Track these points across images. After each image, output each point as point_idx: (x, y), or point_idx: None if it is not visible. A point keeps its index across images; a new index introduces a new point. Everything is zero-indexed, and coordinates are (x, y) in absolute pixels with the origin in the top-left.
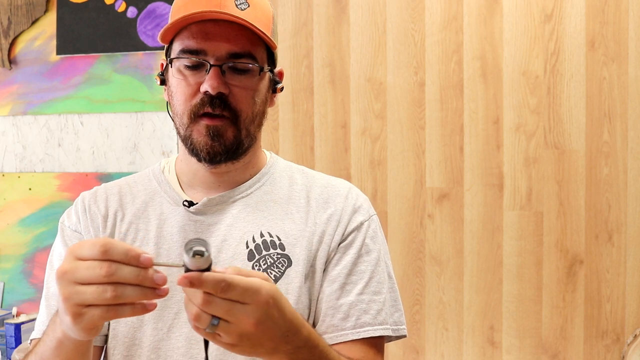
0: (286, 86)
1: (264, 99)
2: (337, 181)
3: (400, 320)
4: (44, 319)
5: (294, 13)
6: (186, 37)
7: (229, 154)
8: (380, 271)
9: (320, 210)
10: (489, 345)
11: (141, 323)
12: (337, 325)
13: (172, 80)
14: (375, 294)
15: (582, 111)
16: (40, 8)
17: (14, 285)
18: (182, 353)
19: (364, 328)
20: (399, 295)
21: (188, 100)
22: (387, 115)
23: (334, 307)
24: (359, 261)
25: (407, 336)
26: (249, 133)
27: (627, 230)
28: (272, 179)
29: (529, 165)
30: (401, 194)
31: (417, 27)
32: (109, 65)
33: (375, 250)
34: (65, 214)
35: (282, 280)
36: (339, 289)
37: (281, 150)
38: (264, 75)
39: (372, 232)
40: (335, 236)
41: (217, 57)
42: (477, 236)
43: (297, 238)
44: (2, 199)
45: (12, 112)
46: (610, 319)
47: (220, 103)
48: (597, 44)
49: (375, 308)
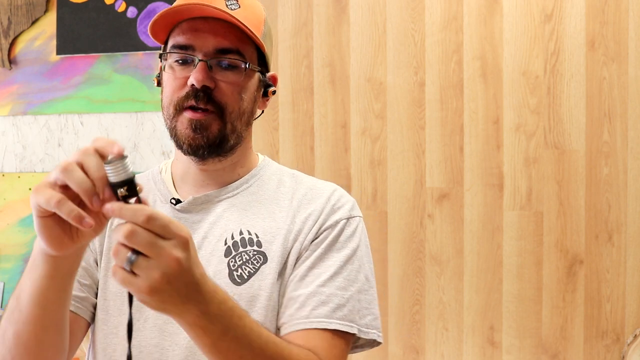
0: (286, 86)
1: (251, 97)
2: (324, 184)
3: (373, 325)
4: None
5: (294, 13)
6: (177, 34)
7: (212, 147)
8: (352, 269)
9: (301, 209)
10: (489, 345)
11: (119, 312)
12: (292, 314)
13: (164, 76)
14: (340, 289)
15: (582, 111)
16: (40, 8)
17: (14, 285)
18: (155, 344)
19: (318, 319)
20: (376, 301)
21: (175, 93)
22: (387, 115)
23: (292, 298)
24: (326, 257)
25: (382, 343)
26: (235, 129)
27: (627, 230)
28: (260, 181)
29: (529, 165)
30: (401, 194)
31: (417, 27)
32: (109, 65)
33: (349, 248)
34: None
35: (256, 277)
36: (299, 280)
37: (281, 150)
38: (252, 73)
39: (349, 231)
40: (309, 234)
41: (205, 53)
42: (477, 236)
43: (275, 236)
44: (2, 199)
45: (12, 112)
46: (610, 319)
47: (204, 96)
48: (597, 44)
49: (336, 302)
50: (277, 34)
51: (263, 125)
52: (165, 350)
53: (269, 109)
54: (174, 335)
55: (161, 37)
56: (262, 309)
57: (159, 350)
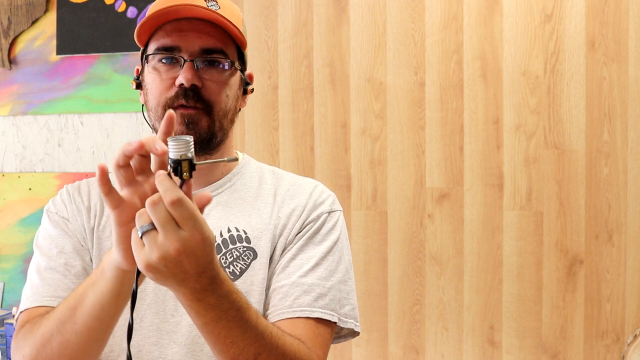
0: (286, 86)
1: (235, 95)
2: (305, 180)
3: (351, 314)
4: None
5: (294, 13)
6: (161, 36)
7: (202, 143)
8: (332, 261)
9: (284, 205)
10: (489, 345)
11: None
12: (275, 304)
13: (147, 78)
14: (322, 279)
15: (582, 111)
16: (40, 8)
17: (14, 285)
18: (153, 342)
19: (301, 307)
20: (354, 292)
21: (163, 94)
22: (387, 115)
23: (275, 289)
24: (307, 248)
25: (359, 333)
26: (222, 126)
27: (627, 230)
28: (242, 179)
29: (529, 165)
30: (401, 194)
31: (417, 27)
32: (109, 65)
33: (330, 241)
34: (51, 203)
35: (248, 273)
36: (281, 271)
37: (281, 150)
38: (235, 72)
39: (330, 224)
40: (293, 229)
41: (191, 53)
42: (477, 236)
43: (262, 231)
44: (2, 199)
45: (12, 112)
46: (610, 319)
47: (193, 95)
48: (597, 44)
49: (318, 291)
50: (277, 34)
51: (263, 125)
52: (164, 349)
53: (269, 109)
54: (171, 333)
55: (143, 40)
56: (256, 304)
57: (159, 349)
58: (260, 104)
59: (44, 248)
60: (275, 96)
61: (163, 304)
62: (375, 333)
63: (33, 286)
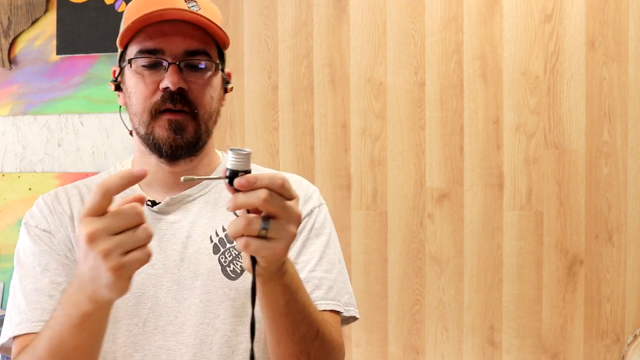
0: (286, 86)
1: (218, 96)
2: (288, 174)
3: (350, 302)
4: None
5: (294, 13)
6: (143, 39)
7: (189, 148)
8: (330, 253)
9: None
10: (489, 345)
11: (115, 319)
12: None
13: (129, 82)
14: (327, 272)
15: (582, 111)
16: (40, 8)
17: None
18: (159, 346)
19: (316, 302)
20: (348, 279)
21: (148, 99)
22: (387, 115)
23: None
24: (308, 243)
25: (358, 318)
26: (207, 129)
27: (627, 230)
28: None
29: (529, 165)
30: (401, 194)
31: (417, 27)
32: (109, 65)
33: (325, 234)
34: (28, 215)
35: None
36: None
37: (281, 150)
38: (217, 72)
39: (321, 218)
40: None
41: (175, 55)
42: (477, 236)
43: None
44: (2, 199)
45: (12, 112)
46: (610, 319)
47: (180, 99)
48: (597, 44)
49: (327, 284)
50: (277, 34)
51: (263, 125)
52: (171, 351)
53: (269, 109)
54: (177, 334)
55: (123, 43)
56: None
57: (166, 352)
58: (260, 104)
59: (27, 266)
60: (275, 96)
61: (165, 306)
62: (375, 333)
63: (20, 311)
